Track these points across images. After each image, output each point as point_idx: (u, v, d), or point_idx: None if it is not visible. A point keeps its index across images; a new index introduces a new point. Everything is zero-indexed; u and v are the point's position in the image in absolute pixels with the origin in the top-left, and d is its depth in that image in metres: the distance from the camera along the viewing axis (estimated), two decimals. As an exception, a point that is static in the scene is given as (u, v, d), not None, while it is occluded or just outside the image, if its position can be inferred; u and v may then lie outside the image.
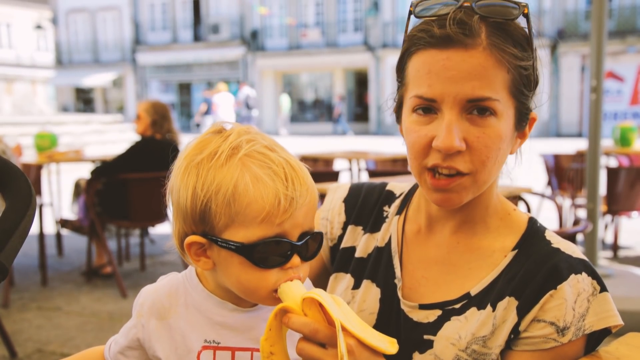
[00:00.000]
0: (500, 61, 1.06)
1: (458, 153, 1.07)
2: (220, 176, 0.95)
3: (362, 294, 1.26)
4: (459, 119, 1.07)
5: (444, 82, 1.06)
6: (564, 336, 1.06)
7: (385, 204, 1.35)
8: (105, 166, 5.16)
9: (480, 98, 1.05)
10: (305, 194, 0.97)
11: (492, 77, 1.05)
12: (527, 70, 1.10)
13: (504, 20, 1.07)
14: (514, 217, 1.21)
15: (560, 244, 1.13)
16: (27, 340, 4.01)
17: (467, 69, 1.05)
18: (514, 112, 1.10)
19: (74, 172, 7.81)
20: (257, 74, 33.53)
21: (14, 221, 0.94)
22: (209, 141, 1.00)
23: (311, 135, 28.46)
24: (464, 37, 1.04)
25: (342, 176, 5.93)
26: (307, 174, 1.00)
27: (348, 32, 31.95)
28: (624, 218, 6.27)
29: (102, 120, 20.85)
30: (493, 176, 1.13)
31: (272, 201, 0.93)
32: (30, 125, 14.83)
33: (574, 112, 26.78)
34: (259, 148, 0.97)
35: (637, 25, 26.29)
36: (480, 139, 1.07)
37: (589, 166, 4.54)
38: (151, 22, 35.97)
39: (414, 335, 1.16)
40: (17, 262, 4.65)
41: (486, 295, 1.13)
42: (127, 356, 1.09)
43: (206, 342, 1.02)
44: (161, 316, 1.04)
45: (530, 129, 1.18)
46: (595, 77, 4.43)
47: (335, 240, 1.37)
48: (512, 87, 1.08)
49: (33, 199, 0.99)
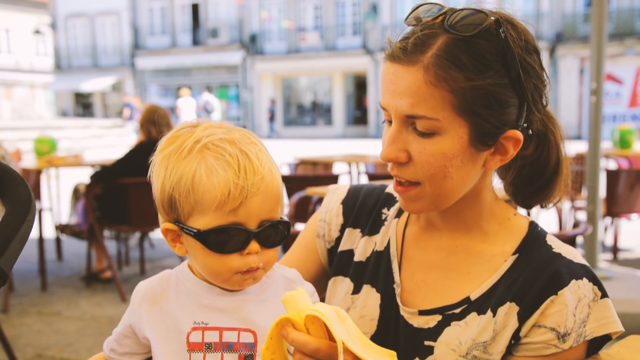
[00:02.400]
0: (440, 80, 1.03)
1: (404, 164, 1.10)
2: (181, 168, 1.04)
3: (363, 299, 1.25)
4: (402, 131, 1.09)
5: (389, 94, 1.09)
6: (564, 342, 1.05)
7: (384, 207, 1.34)
8: (105, 171, 5.16)
9: (414, 116, 1.05)
10: (259, 183, 1.02)
11: (427, 96, 1.04)
12: (486, 89, 1.04)
13: (464, 37, 1.03)
14: (514, 222, 1.20)
15: (561, 249, 1.13)
16: (26, 345, 4.01)
17: (405, 85, 1.05)
18: (466, 130, 1.06)
19: (73, 176, 7.81)
20: (256, 77, 33.55)
21: (14, 226, 0.94)
22: (178, 136, 1.08)
23: (310, 139, 28.46)
24: (405, 54, 1.06)
25: (342, 179, 5.93)
26: (267, 166, 1.05)
27: (347, 36, 31.98)
28: (624, 220, 6.27)
29: (102, 124, 20.88)
30: (451, 190, 1.11)
31: (223, 190, 1.00)
32: (30, 130, 14.85)
33: (573, 115, 26.80)
34: (216, 141, 1.04)
35: (635, 27, 26.33)
36: (422, 154, 1.07)
37: (588, 168, 4.54)
38: (150, 27, 35.99)
39: (415, 341, 1.16)
40: (17, 267, 4.60)
41: (486, 300, 1.13)
42: (121, 344, 1.14)
43: (195, 323, 1.07)
44: (153, 302, 1.11)
45: (515, 149, 1.11)
46: (595, 80, 4.43)
47: (333, 243, 1.36)
48: (459, 107, 1.04)
49: (32, 204, 0.99)
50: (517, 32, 1.07)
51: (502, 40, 1.04)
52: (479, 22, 1.04)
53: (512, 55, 1.04)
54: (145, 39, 36.10)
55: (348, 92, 33.41)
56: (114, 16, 36.58)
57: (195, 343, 1.06)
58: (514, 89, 1.06)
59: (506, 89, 1.05)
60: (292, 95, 35.06)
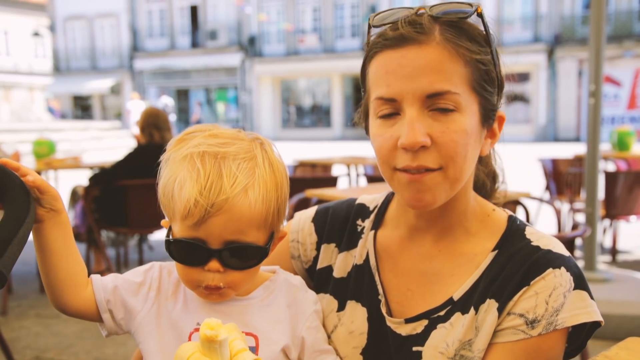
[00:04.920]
0: (456, 54, 1.06)
1: (424, 149, 1.05)
2: (169, 174, 1.07)
3: (349, 315, 1.23)
4: (420, 116, 1.06)
5: (401, 80, 1.06)
6: (533, 329, 1.04)
7: (358, 218, 1.32)
8: (104, 173, 5.15)
9: (438, 92, 1.05)
10: (221, 203, 1.01)
11: (448, 70, 1.05)
12: (486, 66, 1.09)
13: (457, 19, 1.08)
14: (493, 217, 1.19)
15: (540, 241, 1.12)
16: (25, 347, 4.00)
17: (422, 64, 1.05)
18: (477, 107, 1.09)
19: (72, 179, 7.80)
20: (255, 79, 33.56)
21: (13, 229, 0.94)
22: (183, 139, 1.11)
23: (309, 141, 28.47)
24: (417, 35, 1.06)
25: (341, 181, 5.93)
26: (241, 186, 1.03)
27: (345, 38, 32.00)
28: (623, 222, 6.27)
29: (100, 126, 20.89)
30: (465, 174, 1.10)
31: (185, 204, 1.02)
32: (28, 132, 14.84)
33: (572, 117, 26.84)
34: (201, 152, 1.05)
35: (634, 29, 26.37)
36: (445, 134, 1.05)
37: (587, 170, 4.54)
38: (149, 29, 36.00)
39: (404, 349, 1.15)
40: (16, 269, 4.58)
41: (469, 299, 1.12)
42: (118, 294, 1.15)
43: (198, 324, 1.08)
44: (164, 297, 1.14)
45: (500, 128, 1.16)
46: (593, 82, 4.43)
47: (311, 262, 1.34)
48: (472, 81, 1.07)
49: (31, 206, 0.99)
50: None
51: (484, 25, 1.10)
52: (464, 9, 1.09)
53: (492, 40, 1.10)
54: (144, 41, 36.10)
55: (347, 94, 33.41)
56: (112, 18, 36.59)
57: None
58: (497, 71, 1.12)
59: (495, 69, 1.11)
60: (291, 97, 35.06)
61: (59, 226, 1.07)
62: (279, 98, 34.50)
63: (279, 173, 1.11)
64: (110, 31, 36.85)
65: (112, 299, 1.13)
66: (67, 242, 1.09)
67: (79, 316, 1.15)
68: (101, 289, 1.13)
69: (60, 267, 1.09)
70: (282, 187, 1.11)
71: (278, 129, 33.46)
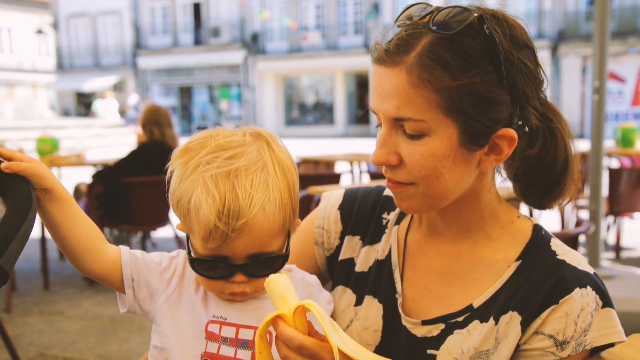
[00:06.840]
0: (423, 81, 1.01)
1: (396, 166, 1.08)
2: (182, 189, 1.07)
3: (365, 310, 1.23)
4: (392, 134, 1.07)
5: (377, 97, 1.08)
6: (563, 350, 1.03)
7: (384, 211, 1.31)
8: (107, 170, 5.16)
9: (400, 118, 1.04)
10: (242, 227, 1.02)
11: (412, 97, 1.02)
12: (471, 88, 1.01)
13: (448, 35, 1.01)
14: (517, 224, 1.17)
15: (566, 255, 1.10)
16: (29, 344, 4.01)
17: (390, 87, 1.04)
18: (456, 131, 1.04)
19: (75, 176, 7.81)
20: (258, 77, 33.55)
21: (15, 225, 0.94)
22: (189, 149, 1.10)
23: (312, 138, 28.46)
24: (393, 55, 1.04)
25: (344, 179, 5.93)
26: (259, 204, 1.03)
27: (348, 35, 31.97)
28: (626, 219, 6.26)
29: (103, 124, 20.89)
30: (447, 190, 1.08)
31: (205, 229, 1.03)
32: (32, 130, 14.86)
33: (575, 114, 26.76)
34: (212, 169, 1.04)
35: (637, 26, 26.28)
36: (412, 156, 1.06)
37: (591, 167, 4.53)
38: (152, 26, 36.00)
39: (418, 350, 1.14)
40: (19, 266, 4.62)
41: (489, 308, 1.11)
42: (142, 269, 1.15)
43: (214, 317, 1.11)
44: (187, 285, 1.15)
45: (510, 148, 1.08)
46: (597, 78, 4.41)
47: (333, 250, 1.33)
48: (446, 107, 1.02)
49: (33, 202, 0.99)
50: (503, 27, 1.03)
51: (486, 37, 1.02)
52: (462, 19, 1.02)
53: (499, 52, 1.01)
54: (147, 38, 36.10)
55: (350, 91, 33.39)
56: (115, 16, 36.59)
57: (212, 333, 1.10)
58: (503, 86, 1.03)
59: (494, 86, 1.02)
60: (294, 95, 35.04)
61: (57, 202, 1.06)
62: (282, 95, 34.49)
63: (290, 173, 1.11)
64: (113, 29, 36.85)
65: (136, 277, 1.14)
66: (71, 213, 1.08)
67: (101, 280, 1.14)
68: (128, 263, 1.14)
69: (70, 238, 1.08)
70: (294, 186, 1.12)
71: (281, 126, 33.44)
